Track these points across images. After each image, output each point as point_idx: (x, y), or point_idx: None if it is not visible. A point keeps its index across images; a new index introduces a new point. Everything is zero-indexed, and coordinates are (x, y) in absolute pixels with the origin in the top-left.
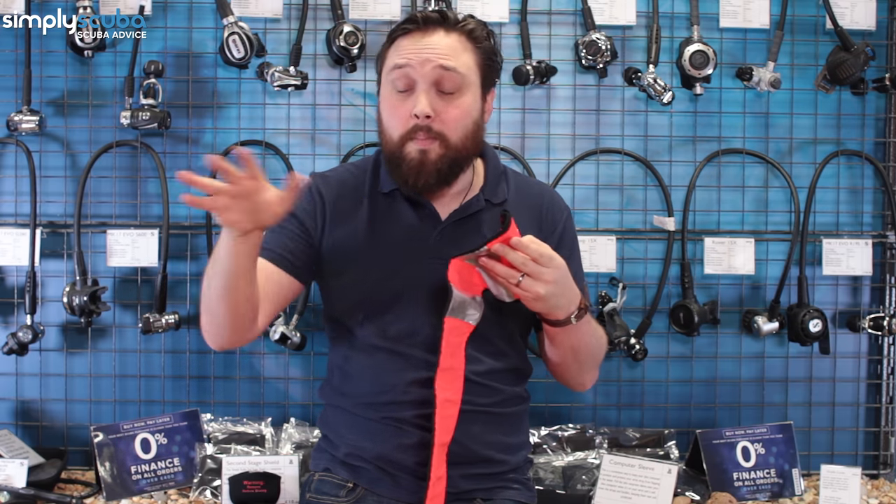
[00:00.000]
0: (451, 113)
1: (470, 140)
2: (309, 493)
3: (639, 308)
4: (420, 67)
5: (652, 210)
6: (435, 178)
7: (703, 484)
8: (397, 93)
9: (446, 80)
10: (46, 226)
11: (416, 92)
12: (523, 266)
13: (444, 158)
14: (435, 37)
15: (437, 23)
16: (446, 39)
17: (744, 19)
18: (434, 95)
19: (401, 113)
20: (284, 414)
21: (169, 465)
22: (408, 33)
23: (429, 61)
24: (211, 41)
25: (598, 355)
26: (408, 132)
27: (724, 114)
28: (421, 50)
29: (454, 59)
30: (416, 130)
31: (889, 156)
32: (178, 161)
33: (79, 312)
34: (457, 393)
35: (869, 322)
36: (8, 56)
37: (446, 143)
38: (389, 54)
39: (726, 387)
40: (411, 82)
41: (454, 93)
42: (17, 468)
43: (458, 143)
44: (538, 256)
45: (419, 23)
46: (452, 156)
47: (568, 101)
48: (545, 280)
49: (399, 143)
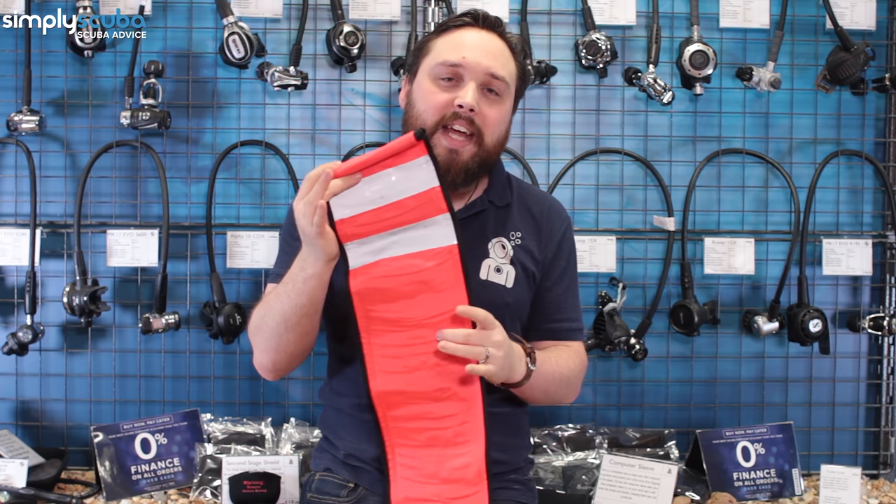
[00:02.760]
0: (492, 114)
1: (500, 146)
2: (310, 493)
3: (639, 308)
4: (475, 63)
5: (652, 210)
6: (463, 178)
7: (703, 484)
8: (439, 81)
9: (494, 84)
10: (46, 226)
11: (463, 86)
12: (467, 339)
13: (475, 158)
14: (489, 38)
15: (492, 26)
16: (499, 45)
17: (744, 19)
18: (480, 94)
19: (440, 99)
20: (284, 414)
21: (169, 465)
22: (463, 27)
23: (482, 63)
24: (211, 41)
25: (572, 380)
26: (444, 118)
27: (724, 114)
28: (477, 48)
29: (504, 67)
30: (454, 118)
31: (889, 156)
32: (178, 161)
33: (79, 312)
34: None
35: (869, 322)
36: (8, 56)
37: (481, 142)
38: (439, 45)
39: (726, 387)
40: (459, 76)
41: (498, 97)
42: (17, 468)
43: (491, 146)
44: (483, 319)
45: (479, 21)
46: (484, 157)
47: (568, 101)
48: (495, 342)
49: (431, 131)
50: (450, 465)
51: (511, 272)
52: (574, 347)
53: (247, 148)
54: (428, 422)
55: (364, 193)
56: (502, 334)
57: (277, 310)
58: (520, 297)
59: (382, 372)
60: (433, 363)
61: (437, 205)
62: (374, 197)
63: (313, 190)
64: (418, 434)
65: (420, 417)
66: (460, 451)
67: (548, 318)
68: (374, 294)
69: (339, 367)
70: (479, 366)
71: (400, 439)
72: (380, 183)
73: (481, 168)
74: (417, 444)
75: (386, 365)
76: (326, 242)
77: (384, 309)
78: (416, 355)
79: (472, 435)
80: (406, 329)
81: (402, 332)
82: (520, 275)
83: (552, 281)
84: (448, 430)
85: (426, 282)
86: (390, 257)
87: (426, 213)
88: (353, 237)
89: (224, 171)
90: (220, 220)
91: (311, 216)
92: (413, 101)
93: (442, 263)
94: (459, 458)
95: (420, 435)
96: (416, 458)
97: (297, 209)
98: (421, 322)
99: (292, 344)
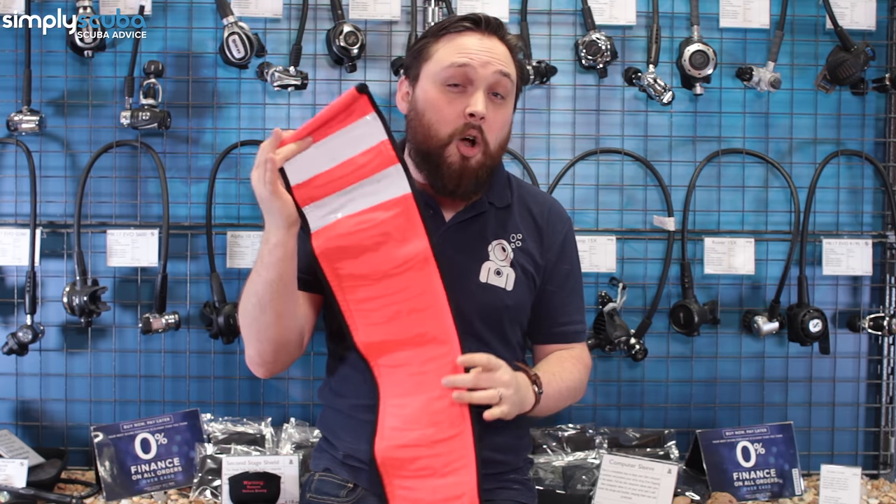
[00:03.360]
0: (497, 120)
1: (502, 149)
2: (309, 493)
3: (639, 308)
4: (482, 69)
5: (652, 210)
6: (474, 186)
7: (703, 484)
8: (447, 88)
9: (501, 85)
10: (46, 226)
11: (473, 92)
12: (477, 384)
13: (483, 166)
14: (492, 42)
15: (494, 29)
16: (501, 47)
17: (744, 19)
18: (487, 99)
19: (452, 110)
20: (284, 414)
21: (169, 465)
22: (464, 31)
23: (490, 64)
24: (211, 41)
25: (579, 388)
26: (458, 130)
27: (724, 114)
28: (482, 52)
29: (508, 67)
30: (467, 129)
31: (889, 156)
32: (178, 161)
33: (79, 312)
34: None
35: (869, 322)
36: (8, 56)
37: (487, 150)
38: (440, 49)
39: (726, 387)
40: (467, 81)
41: (503, 100)
42: (17, 468)
43: (495, 151)
44: (486, 363)
45: (480, 24)
46: (490, 164)
47: (568, 101)
48: (504, 382)
49: (445, 142)
50: (434, 407)
51: (511, 275)
52: (577, 350)
53: (247, 148)
54: (413, 366)
55: (316, 156)
56: (508, 373)
57: (251, 291)
58: (519, 300)
59: (364, 325)
60: (408, 309)
61: (388, 157)
62: (326, 158)
63: (261, 153)
64: (404, 374)
65: (405, 364)
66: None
67: (553, 321)
68: (339, 252)
69: (337, 368)
70: (494, 410)
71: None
72: (330, 143)
73: (488, 174)
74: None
75: (365, 317)
76: (283, 204)
77: (351, 265)
78: (390, 305)
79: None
80: (376, 281)
81: (373, 285)
82: (520, 277)
83: (556, 284)
84: (429, 373)
85: (387, 233)
86: (349, 215)
87: (378, 167)
88: (311, 200)
89: (224, 171)
90: (220, 220)
91: (263, 178)
92: (420, 109)
93: (399, 213)
94: (443, 399)
95: (406, 373)
96: (407, 407)
97: (252, 178)
98: (388, 272)
99: (271, 328)
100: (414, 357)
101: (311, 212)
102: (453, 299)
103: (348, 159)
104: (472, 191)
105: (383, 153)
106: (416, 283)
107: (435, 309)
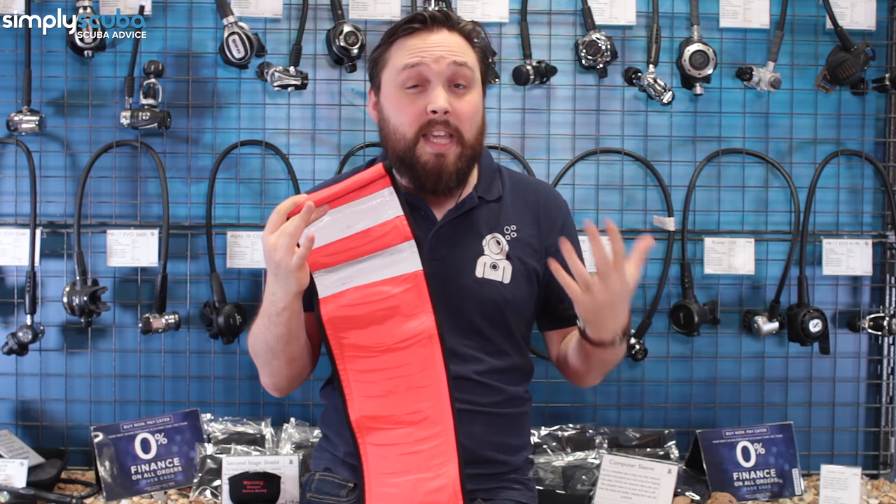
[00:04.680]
0: (465, 108)
1: (480, 136)
2: (310, 493)
3: (639, 308)
4: (435, 64)
5: (652, 210)
6: (455, 180)
7: (703, 484)
8: (405, 90)
9: (459, 75)
10: (46, 226)
11: (431, 88)
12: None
13: (461, 158)
14: (441, 35)
15: (441, 22)
16: (452, 37)
17: (744, 19)
18: (447, 91)
19: (413, 110)
20: (284, 414)
21: (169, 465)
22: (413, 33)
23: (443, 58)
24: (211, 41)
25: (616, 363)
26: (422, 127)
27: (724, 114)
28: (432, 48)
29: (464, 55)
30: (431, 125)
31: (889, 156)
32: (178, 161)
33: (79, 312)
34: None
35: (869, 322)
36: (8, 56)
37: (462, 140)
38: (393, 55)
39: (726, 387)
40: (423, 80)
41: (466, 88)
42: (17, 468)
43: (472, 140)
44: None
45: (426, 22)
46: (469, 154)
47: (568, 101)
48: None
49: (413, 141)
50: (426, 487)
51: (507, 267)
52: None
53: (247, 148)
54: (404, 447)
55: (332, 224)
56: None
57: (262, 339)
58: (519, 292)
59: (360, 396)
60: (406, 386)
61: (403, 233)
62: (341, 227)
63: (293, 223)
64: (393, 454)
65: (396, 443)
66: (435, 475)
67: (568, 303)
68: (345, 321)
69: None
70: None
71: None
72: (347, 213)
73: (469, 164)
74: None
75: (362, 389)
76: (303, 275)
77: (356, 336)
78: (389, 379)
79: (447, 456)
80: (378, 354)
81: (375, 357)
82: (517, 269)
83: (563, 265)
84: (422, 453)
85: (395, 307)
86: (358, 286)
87: (392, 241)
88: (322, 266)
89: (224, 171)
90: (220, 220)
91: (291, 248)
92: (386, 116)
93: (409, 289)
94: (435, 480)
95: (395, 453)
96: (395, 486)
97: (269, 242)
98: (391, 346)
99: (285, 368)
100: (406, 436)
101: (320, 277)
102: (452, 298)
103: (363, 230)
104: (455, 184)
105: (399, 228)
106: (418, 360)
107: (434, 388)
